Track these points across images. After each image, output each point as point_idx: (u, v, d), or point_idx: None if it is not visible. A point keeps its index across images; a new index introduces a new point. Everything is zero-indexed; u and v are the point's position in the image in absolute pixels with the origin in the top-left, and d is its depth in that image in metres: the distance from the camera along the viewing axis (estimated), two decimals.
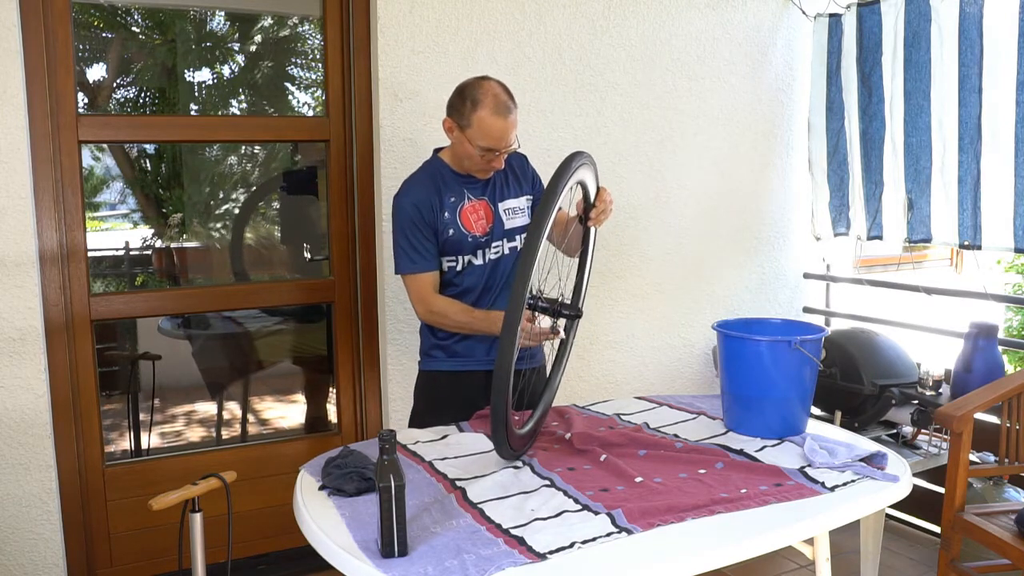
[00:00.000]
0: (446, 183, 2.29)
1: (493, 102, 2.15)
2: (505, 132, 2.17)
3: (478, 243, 2.29)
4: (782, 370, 2.07)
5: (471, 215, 2.28)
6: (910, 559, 3.09)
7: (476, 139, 2.17)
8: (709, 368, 3.58)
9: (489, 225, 2.30)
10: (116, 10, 3.05)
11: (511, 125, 2.17)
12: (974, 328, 2.88)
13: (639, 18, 3.26)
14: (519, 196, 2.37)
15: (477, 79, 2.22)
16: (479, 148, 2.18)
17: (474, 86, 2.18)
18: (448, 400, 2.33)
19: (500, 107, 2.15)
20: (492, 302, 2.33)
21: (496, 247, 2.32)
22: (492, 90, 2.17)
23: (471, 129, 2.16)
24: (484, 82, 2.19)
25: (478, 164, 2.23)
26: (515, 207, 2.35)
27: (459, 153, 2.25)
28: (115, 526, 2.74)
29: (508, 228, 2.33)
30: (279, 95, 3.42)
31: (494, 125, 2.15)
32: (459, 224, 2.26)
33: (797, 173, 3.71)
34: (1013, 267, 6.84)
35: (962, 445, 2.41)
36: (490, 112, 2.14)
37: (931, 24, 3.06)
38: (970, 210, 3.03)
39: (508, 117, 2.16)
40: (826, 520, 1.67)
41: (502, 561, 1.42)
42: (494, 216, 2.31)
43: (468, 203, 2.28)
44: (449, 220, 2.26)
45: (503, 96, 2.17)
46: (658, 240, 3.41)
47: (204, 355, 3.40)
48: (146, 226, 3.35)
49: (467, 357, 2.34)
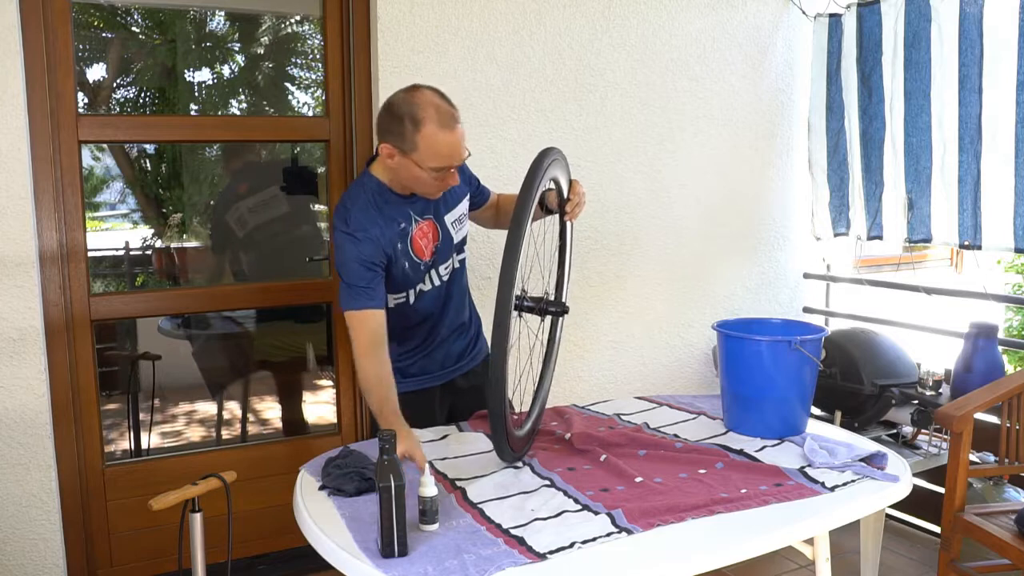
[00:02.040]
0: (391, 207, 2.01)
1: (436, 115, 1.86)
2: (457, 146, 1.90)
3: (427, 267, 2.08)
4: (782, 370, 2.07)
5: (420, 240, 2.04)
6: (910, 559, 3.09)
7: (426, 161, 1.88)
8: (709, 368, 3.58)
9: (435, 244, 2.07)
10: (116, 10, 3.05)
11: (461, 135, 1.90)
12: (974, 328, 2.88)
13: (639, 18, 3.26)
14: (460, 201, 2.14)
15: (407, 91, 1.91)
16: (430, 171, 1.89)
17: (408, 101, 1.88)
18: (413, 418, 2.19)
19: (445, 119, 1.87)
20: (445, 321, 2.20)
21: (446, 266, 2.12)
22: (430, 101, 1.88)
23: (417, 152, 1.87)
24: (417, 95, 1.89)
25: (431, 186, 1.95)
26: (460, 215, 2.14)
27: (404, 179, 1.96)
28: (115, 526, 2.74)
29: (458, 241, 2.14)
30: (279, 95, 3.42)
31: (444, 141, 1.87)
32: (411, 253, 2.02)
33: (797, 173, 3.71)
34: (1013, 267, 6.83)
35: (962, 445, 2.41)
36: (436, 127, 1.86)
37: (931, 24, 3.06)
38: (970, 210, 3.03)
39: (456, 128, 1.89)
40: (826, 520, 1.67)
41: (502, 561, 1.42)
42: (440, 233, 2.08)
43: (416, 227, 2.03)
44: (402, 251, 2.01)
45: (444, 105, 1.89)
46: (658, 240, 3.41)
47: (204, 355, 3.39)
48: (146, 226, 3.34)
49: (422, 376, 2.24)
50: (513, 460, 1.90)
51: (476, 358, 2.35)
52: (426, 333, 2.19)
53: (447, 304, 2.20)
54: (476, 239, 2.96)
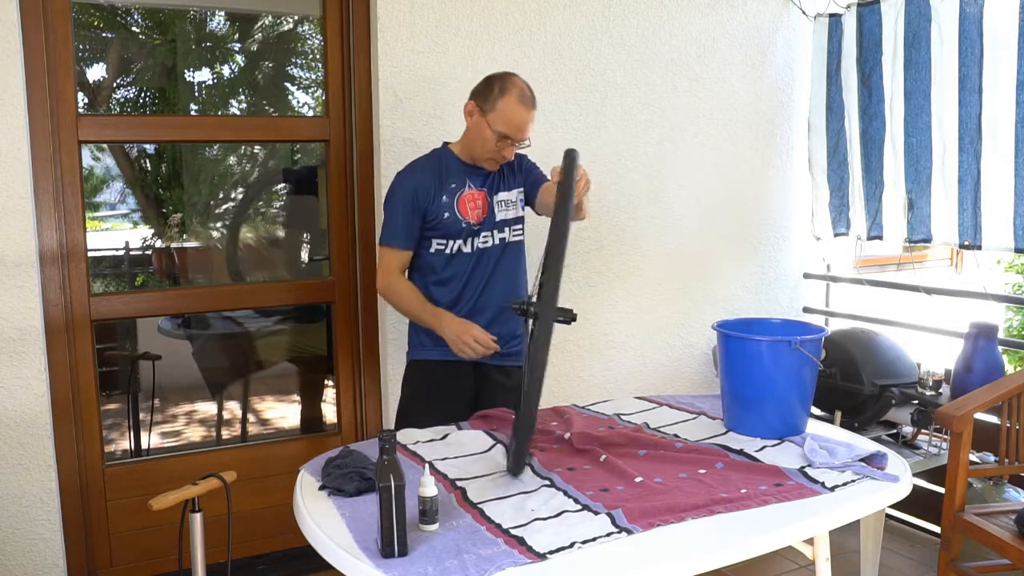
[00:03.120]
0: (449, 170, 2.36)
1: (519, 93, 2.26)
2: (525, 122, 2.27)
3: (471, 230, 2.35)
4: (782, 370, 2.07)
5: (468, 203, 2.35)
6: (910, 559, 3.09)
7: (496, 124, 2.25)
8: (709, 368, 3.58)
9: (483, 215, 2.37)
10: (116, 10, 3.05)
11: (532, 118, 2.29)
12: (974, 328, 2.88)
13: (639, 18, 3.26)
14: (512, 189, 2.43)
15: (505, 72, 2.33)
16: (496, 134, 2.26)
17: (503, 77, 2.29)
18: (438, 386, 2.35)
19: (525, 98, 2.27)
20: (477, 292, 2.36)
21: (485, 236, 2.38)
22: (519, 83, 2.29)
23: (493, 114, 2.25)
24: (513, 76, 2.30)
25: (490, 151, 2.30)
26: (508, 199, 2.42)
27: (474, 138, 2.32)
28: (115, 526, 2.74)
29: (499, 220, 2.40)
30: (279, 95, 3.42)
31: (517, 112, 2.25)
32: (455, 209, 2.33)
33: (797, 173, 3.71)
34: (1013, 267, 6.83)
35: (962, 445, 2.41)
36: (516, 100, 2.25)
37: (931, 24, 3.06)
38: (970, 210, 3.03)
39: (531, 110, 2.27)
40: (826, 520, 1.67)
41: (502, 561, 1.42)
42: (489, 207, 2.38)
43: (468, 191, 2.36)
44: (446, 204, 2.33)
45: (528, 91, 2.29)
46: (658, 240, 3.41)
47: (204, 355, 3.39)
48: (146, 226, 3.34)
49: None
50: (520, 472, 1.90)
51: (516, 357, 2.40)
52: (456, 295, 2.37)
53: (485, 280, 2.38)
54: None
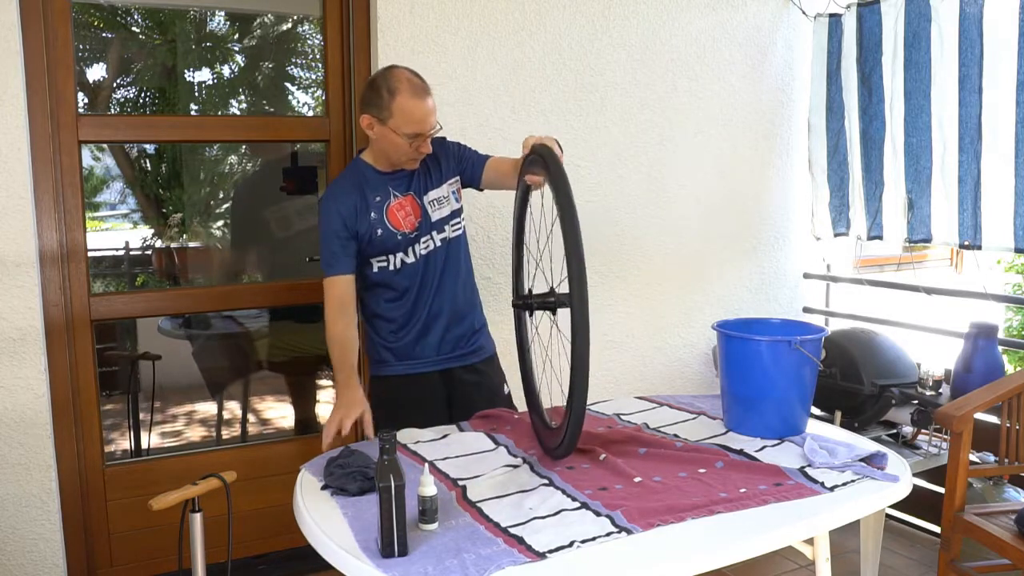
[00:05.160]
0: (370, 184, 2.27)
1: (409, 87, 2.13)
2: (428, 113, 2.15)
3: (408, 239, 2.27)
4: (782, 370, 2.07)
5: (398, 212, 2.26)
6: (910, 559, 3.09)
7: (401, 127, 2.14)
8: (709, 368, 3.58)
9: (417, 220, 2.28)
10: (116, 10, 3.05)
11: (432, 105, 2.16)
12: (974, 328, 2.88)
13: (639, 18, 3.26)
14: (441, 184, 2.33)
15: (384, 69, 2.20)
16: (405, 136, 2.15)
17: (385, 76, 2.16)
18: (404, 404, 2.30)
19: (417, 89, 2.14)
20: (430, 299, 2.31)
21: (426, 241, 2.29)
22: (404, 75, 2.15)
23: (393, 119, 2.13)
24: (394, 70, 2.17)
25: (407, 153, 2.20)
26: (440, 196, 2.32)
27: (384, 148, 2.22)
28: (115, 526, 2.74)
29: (436, 220, 2.30)
30: (279, 95, 3.42)
31: (416, 108, 2.13)
32: (387, 223, 2.25)
33: (797, 173, 3.71)
34: (1013, 267, 6.83)
35: (962, 445, 2.41)
36: (409, 96, 2.12)
37: (931, 24, 3.06)
38: (970, 210, 3.03)
39: (427, 99, 2.15)
40: (826, 520, 1.67)
41: (502, 560, 1.42)
42: (421, 210, 2.29)
43: (394, 200, 2.26)
44: (376, 220, 2.24)
45: (416, 79, 2.16)
46: (658, 240, 3.41)
47: (204, 355, 3.40)
48: (146, 226, 3.35)
49: (416, 360, 2.32)
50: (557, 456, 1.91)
51: (479, 352, 2.39)
52: (410, 307, 2.30)
53: (436, 284, 2.31)
54: (476, 240, 2.96)
